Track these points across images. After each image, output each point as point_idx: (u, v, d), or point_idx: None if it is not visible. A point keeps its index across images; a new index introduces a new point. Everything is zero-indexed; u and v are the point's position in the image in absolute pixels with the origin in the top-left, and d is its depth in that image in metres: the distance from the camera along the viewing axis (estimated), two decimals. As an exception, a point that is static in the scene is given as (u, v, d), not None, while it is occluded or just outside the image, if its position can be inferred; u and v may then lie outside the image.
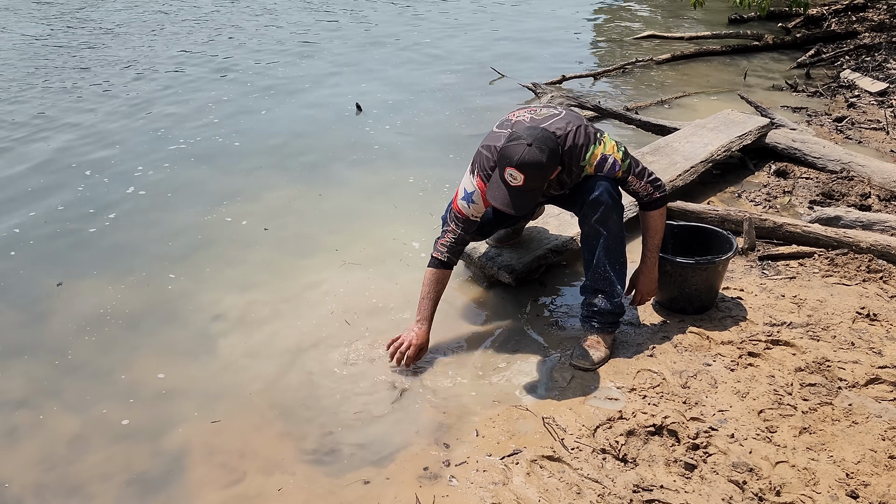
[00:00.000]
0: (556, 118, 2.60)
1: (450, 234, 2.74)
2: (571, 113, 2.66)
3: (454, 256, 2.77)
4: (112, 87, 6.54)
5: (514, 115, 2.68)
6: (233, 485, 2.25)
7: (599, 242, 2.66)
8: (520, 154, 2.35)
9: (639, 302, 2.88)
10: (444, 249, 2.74)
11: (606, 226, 2.63)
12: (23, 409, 2.62)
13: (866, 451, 2.23)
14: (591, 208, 2.62)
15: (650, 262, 2.80)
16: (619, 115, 5.11)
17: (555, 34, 8.60)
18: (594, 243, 2.68)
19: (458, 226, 2.73)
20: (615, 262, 2.70)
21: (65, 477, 2.31)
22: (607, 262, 2.69)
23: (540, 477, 2.20)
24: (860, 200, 3.90)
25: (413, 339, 2.72)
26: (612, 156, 2.59)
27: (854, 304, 2.98)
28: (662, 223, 2.76)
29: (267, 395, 2.63)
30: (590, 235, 2.69)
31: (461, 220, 2.72)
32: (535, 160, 2.35)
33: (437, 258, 2.75)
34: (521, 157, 2.35)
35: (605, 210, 2.60)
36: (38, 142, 5.23)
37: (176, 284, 3.39)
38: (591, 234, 2.68)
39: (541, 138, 2.39)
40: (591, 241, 2.69)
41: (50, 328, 3.09)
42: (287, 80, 6.75)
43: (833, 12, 8.60)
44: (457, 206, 2.72)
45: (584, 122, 2.63)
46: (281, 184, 4.48)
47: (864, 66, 6.57)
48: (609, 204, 2.60)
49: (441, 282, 2.77)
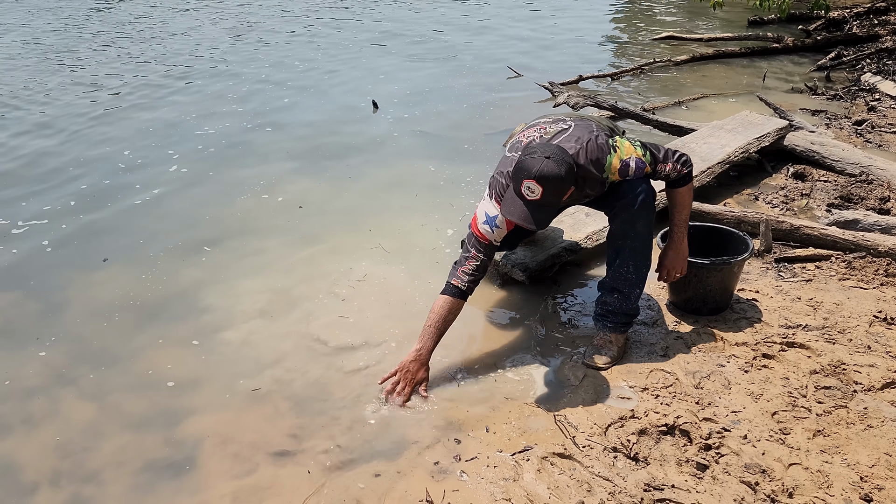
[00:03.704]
0: (565, 134, 2.54)
1: (472, 260, 2.59)
2: (581, 124, 2.59)
3: (473, 285, 2.61)
4: (116, 78, 6.62)
5: (524, 136, 2.62)
6: (245, 475, 2.27)
7: (626, 243, 2.65)
8: (538, 167, 2.28)
9: (665, 278, 2.79)
10: (465, 278, 2.58)
11: (635, 227, 2.61)
12: (39, 396, 2.66)
13: (881, 454, 2.21)
14: (622, 209, 2.59)
15: (678, 236, 2.72)
16: (636, 115, 5.09)
17: (572, 34, 8.58)
18: (620, 243, 2.67)
19: (481, 251, 2.59)
20: (640, 264, 2.68)
21: (80, 464, 2.34)
22: (631, 263, 2.67)
23: (550, 474, 2.19)
24: (879, 204, 3.86)
25: (410, 377, 2.56)
26: (632, 157, 2.53)
27: (871, 307, 2.95)
28: (690, 198, 2.70)
29: (281, 387, 2.65)
30: (617, 234, 2.67)
31: (484, 245, 2.59)
32: (553, 173, 2.27)
33: (456, 286, 2.59)
34: (539, 170, 2.27)
35: (638, 211, 2.57)
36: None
37: (193, 275, 3.43)
38: (618, 233, 2.66)
39: (557, 152, 2.33)
40: (617, 241, 2.68)
41: (67, 317, 3.12)
42: (302, 77, 6.79)
43: (854, 15, 8.51)
44: (479, 232, 2.59)
45: (595, 131, 2.55)
46: (299, 179, 4.52)
47: (886, 70, 6.50)
48: (643, 205, 2.57)
49: (454, 312, 2.61)
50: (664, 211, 3.63)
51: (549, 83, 5.87)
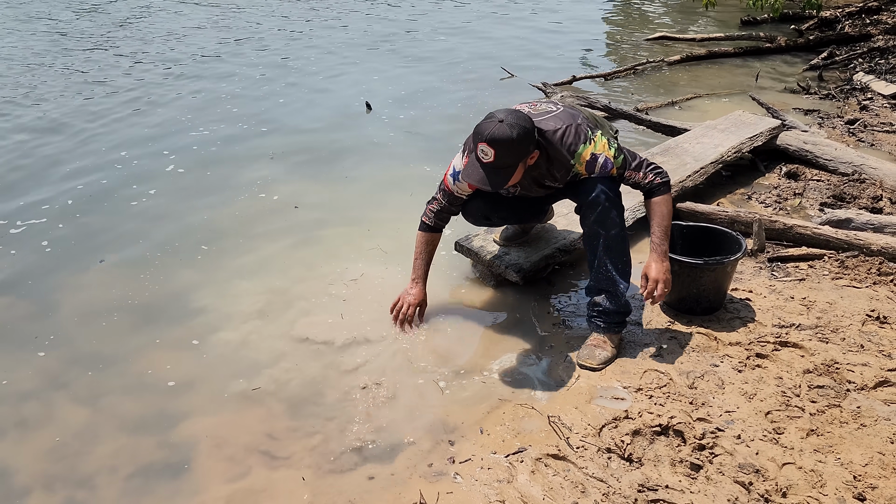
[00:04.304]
0: (551, 114, 2.64)
1: (435, 203, 2.90)
2: (569, 111, 2.68)
3: (441, 223, 2.94)
4: (114, 80, 6.60)
5: (515, 107, 2.71)
6: (239, 478, 2.26)
7: (599, 242, 2.67)
8: (490, 129, 2.40)
9: (649, 291, 2.63)
10: (431, 215, 2.93)
11: (605, 225, 2.64)
12: (31, 400, 2.64)
13: (874, 453, 2.22)
14: (589, 209, 2.63)
15: (658, 248, 2.65)
16: (629, 115, 5.10)
17: (566, 35, 8.59)
18: (595, 243, 2.69)
19: (444, 197, 2.87)
20: (617, 260, 2.69)
21: (73, 468, 2.33)
22: (608, 260, 2.68)
23: (545, 475, 2.19)
24: (872, 203, 3.87)
25: (411, 299, 2.95)
26: (602, 154, 2.57)
27: (864, 306, 2.96)
28: (668, 209, 2.66)
29: (276, 389, 2.65)
30: (590, 236, 2.70)
31: (447, 193, 2.86)
32: (504, 135, 2.38)
33: (426, 222, 2.95)
34: (490, 132, 2.40)
35: (603, 210, 2.60)
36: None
37: (189, 276, 3.42)
38: (590, 234, 2.69)
39: (514, 117, 2.43)
40: (591, 242, 2.70)
41: (61, 318, 3.11)
42: (297, 78, 6.79)
43: (847, 15, 8.54)
44: (445, 180, 2.85)
45: (580, 120, 2.63)
46: (294, 179, 4.51)
47: (878, 69, 6.53)
48: (606, 204, 2.60)
49: (431, 243, 2.97)
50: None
51: (542, 83, 5.89)
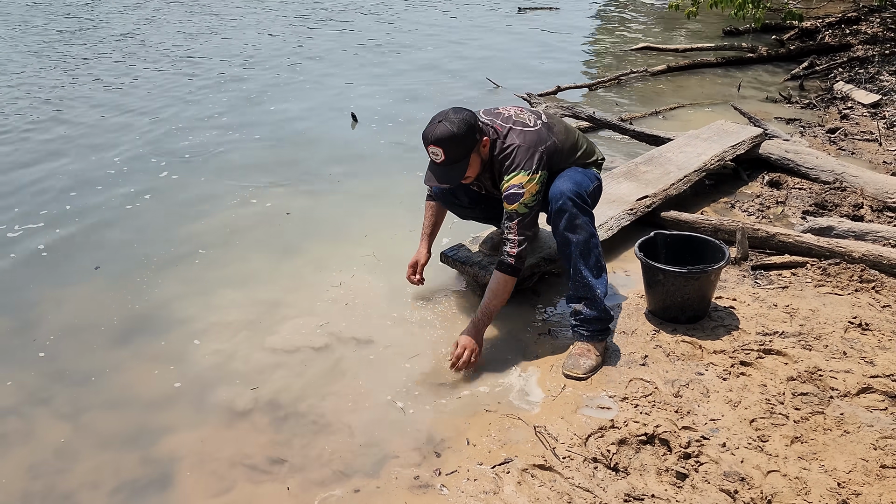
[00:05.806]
0: (522, 129, 2.69)
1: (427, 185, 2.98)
2: (542, 133, 2.69)
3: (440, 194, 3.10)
4: (99, 95, 6.56)
5: (504, 108, 2.82)
6: (223, 493, 2.23)
7: (572, 249, 2.68)
8: (431, 131, 2.56)
9: (455, 356, 2.66)
10: (429, 190, 3.12)
11: (575, 232, 2.66)
12: (11, 416, 2.60)
13: (858, 460, 2.23)
14: (557, 216, 2.66)
15: (477, 320, 2.71)
16: (613, 125, 5.13)
17: (550, 46, 8.65)
18: (567, 251, 2.70)
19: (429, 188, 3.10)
20: (591, 266, 2.71)
21: (53, 485, 2.29)
22: (583, 266, 2.70)
23: (531, 486, 2.19)
24: (853, 211, 3.91)
25: (413, 258, 3.14)
26: (524, 192, 2.59)
27: (846, 313, 2.98)
28: (503, 290, 2.71)
29: (258, 404, 2.62)
30: (562, 244, 2.72)
31: None
32: (446, 133, 2.54)
33: (428, 192, 3.14)
34: (433, 134, 2.55)
35: (570, 216, 2.63)
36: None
37: (174, 287, 3.39)
38: (562, 241, 2.71)
39: (452, 114, 2.58)
40: (564, 249, 2.72)
41: (39, 334, 3.07)
42: (285, 88, 6.78)
43: (827, 25, 8.66)
44: None
45: (542, 148, 2.64)
46: (282, 190, 4.50)
47: (858, 79, 6.62)
48: (573, 210, 2.63)
49: (431, 209, 3.15)
50: (647, 219, 3.67)
51: (527, 94, 5.91)
